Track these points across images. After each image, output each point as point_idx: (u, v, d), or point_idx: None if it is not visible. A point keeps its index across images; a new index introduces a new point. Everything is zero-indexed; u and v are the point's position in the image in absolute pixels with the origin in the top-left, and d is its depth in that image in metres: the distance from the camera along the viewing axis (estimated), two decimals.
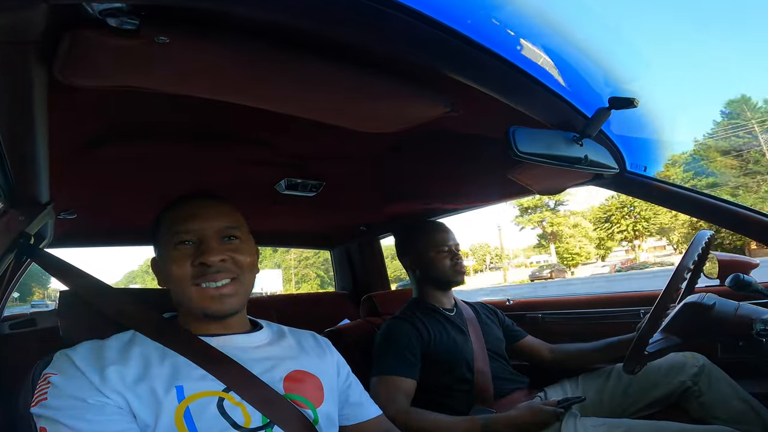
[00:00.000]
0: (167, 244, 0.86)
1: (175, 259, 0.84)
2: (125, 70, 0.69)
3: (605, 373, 1.51)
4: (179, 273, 0.83)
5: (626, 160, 1.19)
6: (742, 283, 1.21)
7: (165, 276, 0.88)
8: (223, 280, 0.84)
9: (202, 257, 0.83)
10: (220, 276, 0.84)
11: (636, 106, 0.89)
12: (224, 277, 0.84)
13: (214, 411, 0.77)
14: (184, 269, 0.83)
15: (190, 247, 0.85)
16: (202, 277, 0.83)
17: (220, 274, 0.84)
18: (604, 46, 0.88)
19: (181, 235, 0.85)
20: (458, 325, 1.60)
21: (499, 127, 0.93)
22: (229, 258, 0.85)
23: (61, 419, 0.69)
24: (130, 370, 0.76)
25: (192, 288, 0.83)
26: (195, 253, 0.84)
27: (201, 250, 0.84)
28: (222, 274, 0.84)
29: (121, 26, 0.56)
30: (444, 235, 1.68)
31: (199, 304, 0.84)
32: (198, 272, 0.83)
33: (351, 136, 1.05)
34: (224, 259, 0.84)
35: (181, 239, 0.85)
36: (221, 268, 0.84)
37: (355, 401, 1.02)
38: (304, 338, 1.02)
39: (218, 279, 0.84)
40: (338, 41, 0.70)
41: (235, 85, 0.78)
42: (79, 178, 1.25)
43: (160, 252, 0.89)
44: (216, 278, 0.84)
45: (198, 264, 0.83)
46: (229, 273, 0.85)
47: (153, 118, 0.98)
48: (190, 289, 0.83)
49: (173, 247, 0.85)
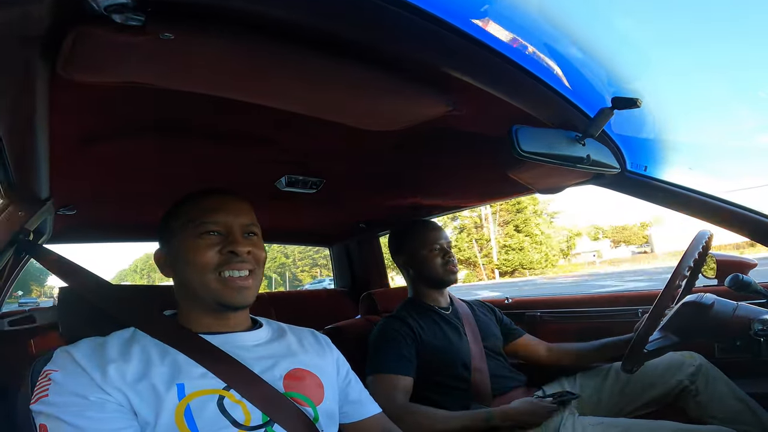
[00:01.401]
0: (190, 233, 0.88)
1: (200, 246, 0.86)
2: (129, 67, 0.68)
3: (603, 372, 1.52)
4: (203, 260, 0.85)
5: (627, 160, 1.19)
6: (741, 284, 1.22)
7: (181, 265, 0.88)
8: (245, 270, 0.87)
9: (232, 246, 0.86)
10: (243, 266, 0.87)
11: (639, 106, 0.89)
12: (246, 268, 0.87)
13: (214, 409, 0.77)
14: (209, 257, 0.86)
15: (217, 237, 0.88)
16: (228, 264, 0.86)
17: (244, 264, 0.87)
18: (607, 45, 0.88)
19: (208, 225, 0.88)
20: (454, 323, 1.61)
21: (501, 126, 0.93)
22: (252, 251, 0.89)
23: (62, 416, 0.69)
24: (131, 367, 0.76)
25: (213, 276, 0.85)
26: (222, 243, 0.87)
27: (230, 240, 0.87)
28: (245, 264, 0.87)
29: (126, 22, 0.55)
30: (435, 234, 1.68)
31: (217, 293, 0.85)
32: (225, 260, 0.86)
33: (353, 133, 1.04)
34: (249, 251, 0.88)
35: (208, 229, 0.87)
36: (245, 259, 0.87)
37: (355, 399, 1.02)
38: (304, 336, 1.02)
39: (242, 268, 0.87)
40: (340, 38, 0.70)
41: (238, 81, 0.78)
42: (79, 174, 1.24)
43: (178, 242, 0.89)
44: (241, 267, 0.87)
45: (227, 252, 0.86)
46: (250, 265, 0.88)
47: (154, 115, 0.98)
48: (210, 278, 0.85)
49: (198, 236, 0.87)
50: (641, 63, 0.98)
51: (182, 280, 0.89)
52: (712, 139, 3.04)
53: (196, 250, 0.86)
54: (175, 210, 0.93)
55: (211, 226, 0.88)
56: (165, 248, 0.93)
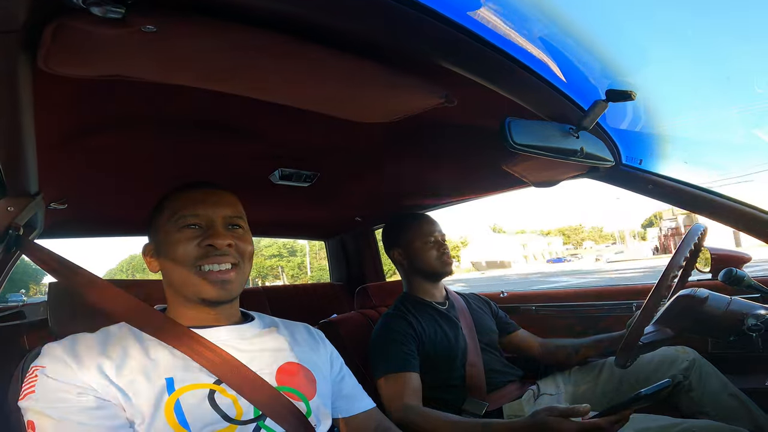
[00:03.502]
0: (172, 227, 0.87)
1: (180, 240, 0.85)
2: (111, 60, 0.67)
3: (597, 367, 1.52)
4: (183, 254, 0.84)
5: (622, 153, 1.18)
6: (735, 278, 1.22)
7: (163, 258, 0.88)
8: (226, 264, 0.86)
9: (210, 239, 0.85)
10: (224, 259, 0.85)
11: (633, 99, 0.89)
12: (228, 261, 0.86)
13: (205, 403, 0.76)
14: (188, 251, 0.84)
15: (196, 231, 0.86)
16: (207, 258, 0.84)
17: (224, 257, 0.85)
18: (603, 37, 0.87)
19: (188, 219, 0.86)
20: (451, 318, 1.61)
21: (495, 118, 0.92)
22: (234, 244, 0.87)
23: (48, 412, 0.68)
24: (120, 362, 0.76)
25: (193, 270, 0.84)
26: (202, 236, 0.85)
27: (209, 233, 0.85)
28: (226, 257, 0.86)
29: (105, 15, 0.54)
30: (430, 226, 1.68)
31: (198, 288, 0.84)
32: (203, 253, 0.84)
33: (346, 126, 1.03)
34: (230, 244, 0.86)
35: (188, 222, 0.86)
36: (226, 252, 0.86)
37: (348, 394, 1.02)
38: (297, 330, 1.02)
39: (222, 262, 0.85)
40: (330, 29, 0.68)
41: (224, 74, 0.76)
42: (68, 169, 1.23)
43: (161, 236, 0.89)
44: (220, 261, 0.85)
45: (205, 245, 0.84)
46: (233, 258, 0.87)
47: (141, 108, 0.97)
48: (190, 272, 0.84)
49: (178, 230, 0.86)
50: (637, 55, 0.97)
51: (166, 274, 0.89)
52: (705, 133, 3.03)
53: (176, 244, 0.85)
54: (159, 204, 0.93)
55: (190, 219, 0.87)
56: (152, 243, 0.93)
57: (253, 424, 0.78)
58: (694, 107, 1.17)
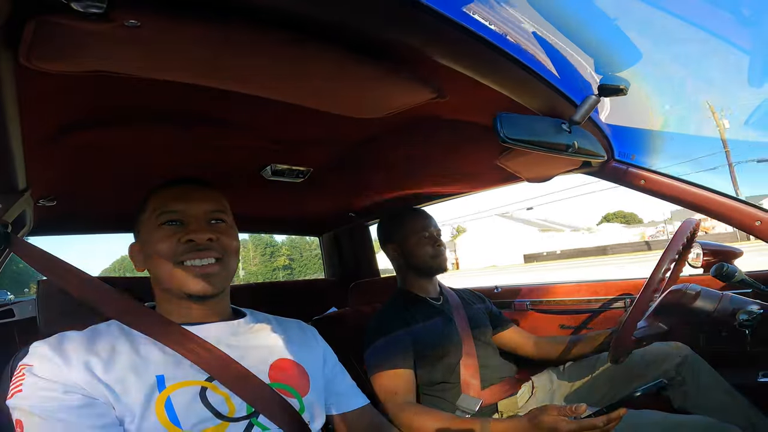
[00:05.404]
0: (153, 224, 0.86)
1: (160, 237, 0.85)
2: (94, 56, 0.66)
3: (591, 363, 1.53)
4: (164, 250, 0.84)
5: (615, 149, 1.18)
6: (726, 273, 1.22)
7: (147, 256, 0.87)
8: (209, 258, 0.85)
9: (190, 234, 0.84)
10: (205, 254, 0.85)
11: (625, 94, 0.88)
12: (210, 256, 0.85)
13: (196, 401, 0.76)
14: (170, 247, 0.84)
15: (176, 227, 0.86)
16: (188, 254, 0.84)
17: (206, 252, 0.85)
18: (595, 31, 0.87)
19: (168, 215, 0.86)
20: (445, 314, 1.60)
21: (487, 113, 0.92)
22: (216, 239, 0.86)
23: (36, 411, 0.68)
24: (108, 360, 0.75)
25: (175, 267, 0.84)
26: (182, 232, 0.85)
27: (189, 228, 0.85)
28: (208, 252, 0.85)
29: (87, 10, 0.52)
30: (425, 222, 1.67)
31: (181, 283, 0.84)
32: (184, 249, 0.84)
33: (338, 121, 1.03)
34: (211, 238, 0.85)
35: (168, 218, 0.86)
36: (208, 246, 0.85)
37: (342, 390, 1.02)
38: (290, 327, 1.01)
39: (204, 257, 0.85)
40: (320, 23, 0.67)
41: (211, 68, 0.75)
42: (56, 165, 1.21)
43: (144, 234, 0.89)
44: (202, 255, 0.84)
45: (185, 241, 0.84)
46: (215, 252, 0.86)
47: (129, 103, 0.95)
48: (173, 268, 0.84)
49: (158, 227, 0.86)
50: (629, 50, 0.97)
51: (152, 271, 0.88)
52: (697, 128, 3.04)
53: (158, 240, 0.85)
54: (143, 202, 0.92)
55: (170, 215, 0.86)
56: (137, 241, 0.92)
57: (246, 421, 0.78)
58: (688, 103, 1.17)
